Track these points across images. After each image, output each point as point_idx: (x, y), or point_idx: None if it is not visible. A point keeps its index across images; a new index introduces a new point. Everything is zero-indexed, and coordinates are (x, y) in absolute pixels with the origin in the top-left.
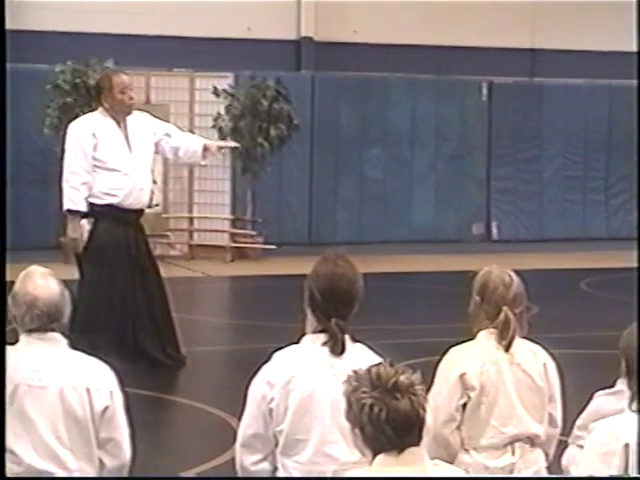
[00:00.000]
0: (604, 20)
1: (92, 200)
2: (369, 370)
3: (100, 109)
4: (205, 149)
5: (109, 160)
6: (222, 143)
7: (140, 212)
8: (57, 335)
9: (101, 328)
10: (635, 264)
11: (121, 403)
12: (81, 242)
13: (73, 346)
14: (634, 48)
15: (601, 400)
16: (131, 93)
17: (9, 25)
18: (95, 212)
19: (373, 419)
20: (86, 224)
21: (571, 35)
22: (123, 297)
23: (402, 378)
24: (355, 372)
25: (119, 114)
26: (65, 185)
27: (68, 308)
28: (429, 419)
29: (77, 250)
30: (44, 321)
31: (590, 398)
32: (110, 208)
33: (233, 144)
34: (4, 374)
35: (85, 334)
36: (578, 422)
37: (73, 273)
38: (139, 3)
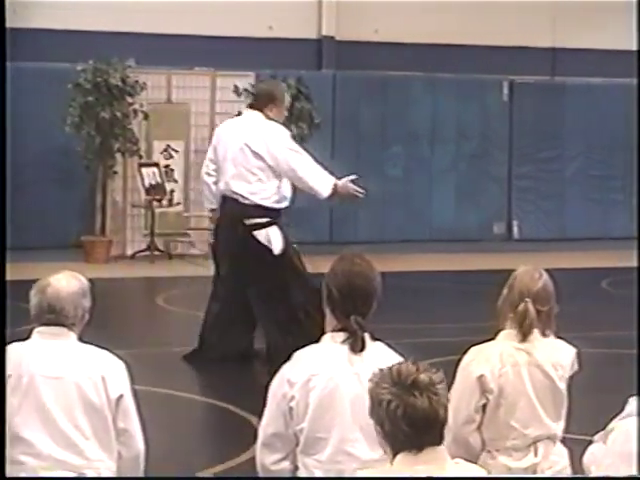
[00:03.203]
0: (625, 19)
1: (274, 205)
2: (391, 367)
3: (260, 114)
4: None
5: None
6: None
7: None
8: (67, 330)
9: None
10: None
11: (131, 395)
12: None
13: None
14: None
15: (636, 403)
16: None
17: (32, 24)
18: (273, 216)
19: (390, 415)
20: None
21: (592, 34)
22: None
23: (422, 376)
24: (381, 370)
25: None
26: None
27: (84, 306)
28: (450, 419)
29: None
30: (54, 315)
31: (624, 401)
32: (279, 212)
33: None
34: (4, 374)
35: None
36: (611, 425)
37: (96, 272)
38: (160, 2)
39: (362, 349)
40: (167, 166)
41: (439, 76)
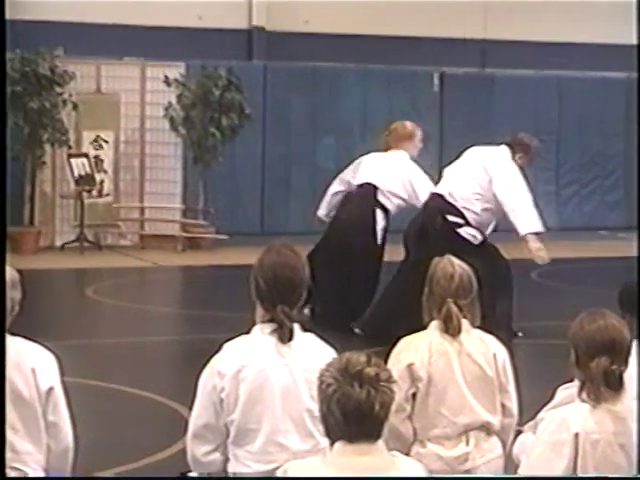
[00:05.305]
0: (554, 12)
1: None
2: (344, 354)
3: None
4: None
5: None
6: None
7: None
8: None
9: None
10: (584, 254)
11: (61, 388)
12: None
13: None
14: (583, 39)
15: (566, 393)
16: None
17: None
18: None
19: (325, 399)
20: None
21: (522, 26)
22: None
23: (368, 370)
24: (339, 356)
25: None
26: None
27: (13, 298)
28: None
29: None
30: None
31: (553, 392)
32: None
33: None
34: (4, 374)
35: None
36: (540, 415)
37: (24, 263)
38: None
39: (290, 339)
40: (97, 157)
41: (370, 67)
